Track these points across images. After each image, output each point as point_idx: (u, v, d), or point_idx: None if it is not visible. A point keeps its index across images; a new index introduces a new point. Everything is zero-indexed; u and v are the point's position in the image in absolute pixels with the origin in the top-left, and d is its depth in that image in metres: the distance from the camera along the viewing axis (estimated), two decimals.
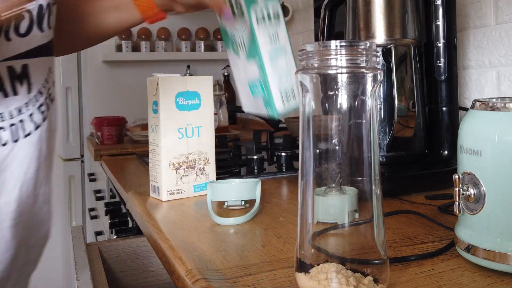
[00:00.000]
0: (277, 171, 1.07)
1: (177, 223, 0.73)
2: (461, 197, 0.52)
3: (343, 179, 0.46)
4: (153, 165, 0.87)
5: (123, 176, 1.15)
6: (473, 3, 1.07)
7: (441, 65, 0.92)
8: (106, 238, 1.57)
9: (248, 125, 2.29)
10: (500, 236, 0.49)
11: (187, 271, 0.55)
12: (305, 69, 0.46)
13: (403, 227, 0.67)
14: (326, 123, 0.46)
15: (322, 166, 0.46)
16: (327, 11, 0.98)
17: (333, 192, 0.47)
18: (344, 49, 0.45)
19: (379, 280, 0.45)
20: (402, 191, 0.84)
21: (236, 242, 0.65)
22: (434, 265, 0.54)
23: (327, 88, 0.46)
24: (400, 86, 0.84)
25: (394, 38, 0.88)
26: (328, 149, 0.46)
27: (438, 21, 0.91)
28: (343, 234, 0.45)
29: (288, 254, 0.59)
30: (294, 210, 0.78)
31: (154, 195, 0.88)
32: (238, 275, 0.53)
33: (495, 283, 0.49)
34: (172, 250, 0.62)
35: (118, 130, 1.63)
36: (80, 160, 2.45)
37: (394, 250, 0.58)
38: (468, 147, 0.52)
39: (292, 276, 0.50)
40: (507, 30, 0.99)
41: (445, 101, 0.93)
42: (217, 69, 2.51)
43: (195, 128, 0.87)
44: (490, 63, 1.04)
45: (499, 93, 1.02)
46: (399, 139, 0.85)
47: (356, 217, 0.46)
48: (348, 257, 0.45)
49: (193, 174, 0.87)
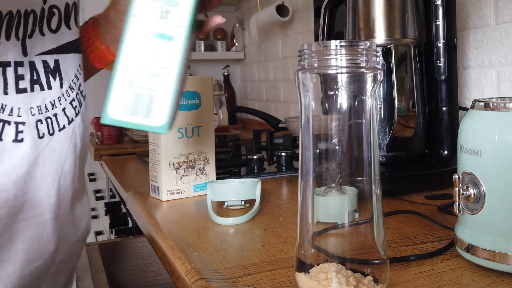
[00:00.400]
0: (277, 171, 1.07)
1: (177, 223, 0.73)
2: (461, 197, 0.52)
3: (343, 179, 0.46)
4: (153, 165, 0.87)
5: (123, 176, 1.15)
6: (473, 3, 1.07)
7: (441, 65, 0.92)
8: (106, 238, 1.57)
9: (248, 125, 2.29)
10: (500, 236, 0.49)
11: (187, 271, 0.55)
12: (305, 69, 0.46)
13: (403, 227, 0.67)
14: (326, 123, 0.46)
15: (322, 166, 0.46)
16: (327, 11, 0.98)
17: (333, 192, 0.47)
18: (344, 49, 0.45)
19: (379, 280, 0.45)
20: (402, 191, 0.84)
21: (236, 242, 0.65)
22: (434, 265, 0.54)
23: (327, 88, 0.46)
24: (400, 86, 0.84)
25: (394, 38, 0.88)
26: (328, 149, 0.46)
27: (438, 21, 0.91)
28: (343, 234, 0.45)
29: (288, 254, 0.59)
30: (294, 210, 0.78)
31: (154, 195, 0.88)
32: (238, 275, 0.53)
33: (495, 283, 0.49)
34: (172, 250, 0.62)
35: (118, 130, 1.63)
36: None
37: (394, 250, 0.58)
38: (468, 147, 0.52)
39: (292, 276, 0.50)
40: (507, 30, 0.99)
41: (445, 101, 0.93)
42: (217, 69, 2.51)
43: (195, 128, 0.87)
44: (490, 63, 1.04)
45: (499, 93, 1.02)
46: (399, 139, 0.85)
47: (356, 217, 0.46)
48: (348, 257, 0.45)
49: (193, 174, 0.87)
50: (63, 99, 0.71)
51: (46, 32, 0.68)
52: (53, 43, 0.70)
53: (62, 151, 0.70)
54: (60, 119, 0.70)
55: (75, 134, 0.73)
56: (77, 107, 0.74)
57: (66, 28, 0.72)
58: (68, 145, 0.71)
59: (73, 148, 0.72)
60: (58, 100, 0.70)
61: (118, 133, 1.63)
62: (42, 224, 0.69)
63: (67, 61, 0.72)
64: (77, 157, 0.73)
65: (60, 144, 0.70)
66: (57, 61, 0.70)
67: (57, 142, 0.70)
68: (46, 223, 0.70)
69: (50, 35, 0.69)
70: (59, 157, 0.70)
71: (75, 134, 0.73)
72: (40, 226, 0.69)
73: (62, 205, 0.72)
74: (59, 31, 0.71)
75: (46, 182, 0.69)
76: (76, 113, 0.73)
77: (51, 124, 0.69)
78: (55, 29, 0.70)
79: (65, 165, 0.71)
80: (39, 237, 0.69)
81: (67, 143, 0.71)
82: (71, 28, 0.73)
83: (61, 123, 0.70)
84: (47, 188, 0.69)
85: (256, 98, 2.42)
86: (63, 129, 0.71)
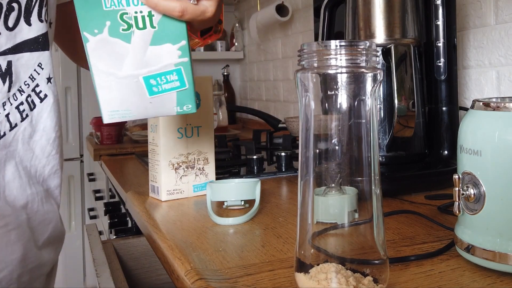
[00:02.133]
0: (277, 171, 1.07)
1: (177, 223, 0.73)
2: (461, 197, 0.52)
3: (343, 179, 0.46)
4: (152, 165, 0.87)
5: (123, 176, 1.15)
6: (473, 3, 1.06)
7: (441, 65, 0.92)
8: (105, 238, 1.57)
9: (248, 125, 2.29)
10: (500, 236, 0.49)
11: (186, 271, 0.55)
12: (305, 69, 0.46)
13: (403, 227, 0.67)
14: (326, 123, 0.46)
15: (322, 166, 0.46)
16: (327, 11, 0.98)
17: (332, 192, 0.47)
18: (344, 49, 0.45)
19: (379, 280, 0.45)
20: (402, 191, 0.84)
21: (235, 242, 0.65)
22: (434, 265, 0.54)
23: (327, 88, 0.46)
24: (400, 86, 0.84)
25: (394, 38, 0.88)
26: (328, 149, 0.46)
27: (438, 21, 0.91)
28: (343, 234, 0.45)
29: (287, 254, 0.59)
30: (294, 210, 0.78)
31: (154, 195, 0.87)
32: (237, 275, 0.53)
33: (495, 283, 0.49)
34: (171, 250, 0.62)
35: (117, 130, 1.63)
36: (80, 160, 2.46)
37: (394, 250, 0.58)
38: (468, 147, 0.51)
39: (292, 276, 0.49)
40: (507, 30, 0.99)
41: (445, 101, 0.93)
42: (216, 69, 2.51)
43: (195, 128, 0.87)
44: (490, 63, 1.04)
45: (499, 93, 1.02)
46: (399, 139, 0.85)
47: (356, 217, 0.46)
48: (347, 257, 0.45)
49: (193, 174, 0.87)
50: (8, 103, 0.66)
51: (2, 30, 0.64)
52: (9, 43, 0.65)
53: (1, 161, 0.66)
54: (1, 126, 0.66)
55: (16, 141, 0.68)
56: (25, 110, 0.69)
57: (25, 25, 0.66)
58: (5, 153, 0.67)
59: (12, 155, 0.68)
60: (2, 106, 0.65)
61: (117, 133, 1.63)
62: (6, 235, 0.66)
63: (21, 62, 0.67)
64: (19, 163, 0.69)
65: (0, 153, 0.66)
66: (10, 62, 0.65)
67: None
68: (10, 232, 0.66)
69: (6, 34, 0.64)
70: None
71: (16, 141, 0.68)
72: (5, 237, 0.66)
73: (16, 214, 0.68)
74: (16, 29, 0.65)
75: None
76: (23, 117, 0.68)
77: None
78: (12, 26, 0.65)
79: (6, 174, 0.67)
80: (1, 247, 0.66)
81: (5, 151, 0.67)
82: (31, 24, 0.67)
83: (1, 130, 0.66)
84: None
85: (256, 98, 2.42)
86: (4, 136, 0.66)
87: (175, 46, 0.58)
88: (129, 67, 0.57)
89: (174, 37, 0.58)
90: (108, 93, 0.58)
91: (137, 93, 0.58)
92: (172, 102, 0.59)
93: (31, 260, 0.71)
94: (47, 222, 0.75)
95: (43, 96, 0.71)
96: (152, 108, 0.59)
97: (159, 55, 0.57)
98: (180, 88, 0.59)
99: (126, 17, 0.56)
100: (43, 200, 0.74)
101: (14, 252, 0.68)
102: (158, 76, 0.58)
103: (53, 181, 0.76)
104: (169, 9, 0.57)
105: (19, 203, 0.70)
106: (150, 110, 0.59)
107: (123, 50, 0.56)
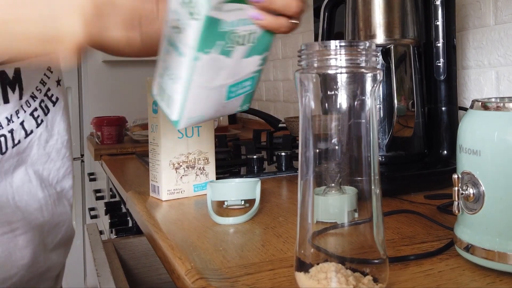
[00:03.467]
0: (277, 171, 1.07)
1: (177, 222, 0.73)
2: (460, 196, 0.52)
3: (343, 178, 0.46)
4: (153, 164, 0.87)
5: (123, 176, 1.15)
6: (473, 3, 1.07)
7: (440, 65, 0.92)
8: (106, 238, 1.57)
9: (248, 125, 2.29)
10: (500, 235, 0.50)
11: (186, 270, 0.55)
12: (305, 69, 0.47)
13: (403, 226, 0.67)
14: (325, 123, 0.46)
15: (322, 166, 0.46)
16: (327, 11, 0.98)
17: (332, 191, 0.47)
18: (343, 49, 0.45)
19: (379, 279, 0.45)
20: (402, 190, 0.84)
21: (235, 241, 0.65)
22: (434, 265, 0.54)
23: (326, 88, 0.46)
24: (400, 86, 0.84)
25: (393, 38, 0.89)
26: (328, 148, 0.46)
27: (438, 21, 0.91)
28: (343, 234, 0.46)
29: (287, 254, 0.59)
30: (294, 210, 0.78)
31: (154, 195, 0.88)
32: (237, 274, 0.53)
33: (494, 283, 0.49)
34: (171, 249, 0.62)
35: (118, 130, 1.63)
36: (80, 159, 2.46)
37: (393, 250, 0.58)
38: (467, 147, 0.52)
39: (292, 276, 0.50)
40: (506, 30, 0.99)
41: (444, 101, 0.93)
42: None
43: (195, 128, 0.87)
44: (489, 63, 1.04)
45: (498, 93, 1.02)
46: (399, 138, 0.86)
47: (355, 217, 0.46)
48: (347, 257, 0.45)
49: (193, 174, 0.87)
50: (22, 111, 0.66)
51: None
52: None
53: (10, 168, 0.66)
54: (16, 134, 0.65)
55: (30, 147, 0.68)
56: (39, 116, 0.68)
57: None
58: (17, 160, 0.67)
59: (24, 160, 0.68)
60: (16, 114, 0.65)
61: (118, 133, 1.64)
62: (13, 240, 0.66)
63: (30, 68, 0.66)
64: (29, 167, 0.69)
65: (11, 160, 0.65)
66: (18, 70, 0.64)
67: (8, 159, 0.65)
68: (17, 238, 0.66)
69: None
70: (6, 174, 0.66)
71: (30, 147, 0.68)
72: (11, 242, 0.66)
73: (29, 219, 0.68)
74: None
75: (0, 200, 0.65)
76: (38, 123, 0.68)
77: (4, 143, 0.64)
78: None
79: (14, 181, 0.67)
80: (11, 253, 0.66)
81: (16, 158, 0.66)
82: None
83: (16, 139, 0.65)
84: (6, 207, 0.65)
85: (256, 98, 2.42)
86: (18, 144, 0.66)
87: (260, 56, 0.60)
88: (221, 78, 0.58)
89: (262, 49, 0.60)
90: (195, 103, 0.58)
91: (216, 99, 0.60)
92: (238, 103, 0.62)
93: (40, 265, 0.71)
94: (61, 225, 0.75)
95: (55, 100, 0.71)
96: (221, 111, 0.61)
97: (246, 66, 0.59)
98: (249, 91, 0.62)
99: (234, 36, 0.56)
100: (55, 202, 0.74)
101: (24, 258, 0.68)
102: (239, 83, 0.60)
103: (67, 182, 0.76)
104: (277, 26, 0.57)
105: (32, 207, 0.69)
106: (219, 112, 0.62)
107: (222, 65, 0.57)
